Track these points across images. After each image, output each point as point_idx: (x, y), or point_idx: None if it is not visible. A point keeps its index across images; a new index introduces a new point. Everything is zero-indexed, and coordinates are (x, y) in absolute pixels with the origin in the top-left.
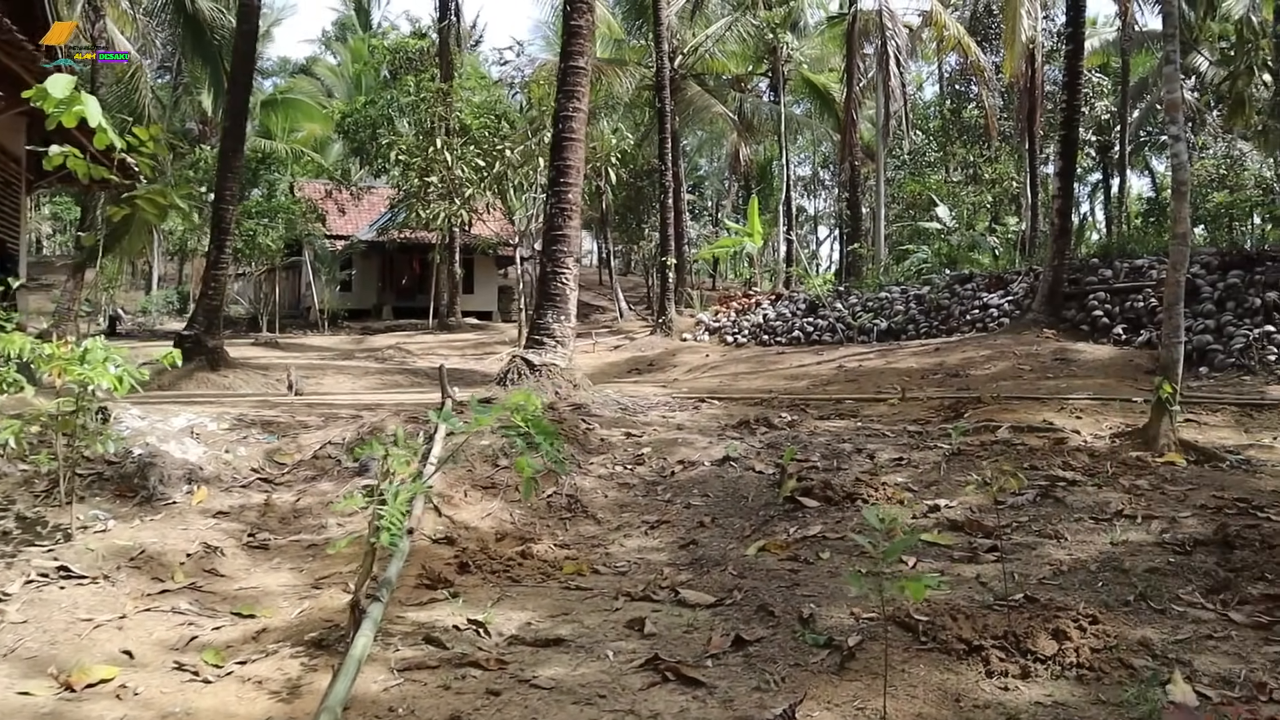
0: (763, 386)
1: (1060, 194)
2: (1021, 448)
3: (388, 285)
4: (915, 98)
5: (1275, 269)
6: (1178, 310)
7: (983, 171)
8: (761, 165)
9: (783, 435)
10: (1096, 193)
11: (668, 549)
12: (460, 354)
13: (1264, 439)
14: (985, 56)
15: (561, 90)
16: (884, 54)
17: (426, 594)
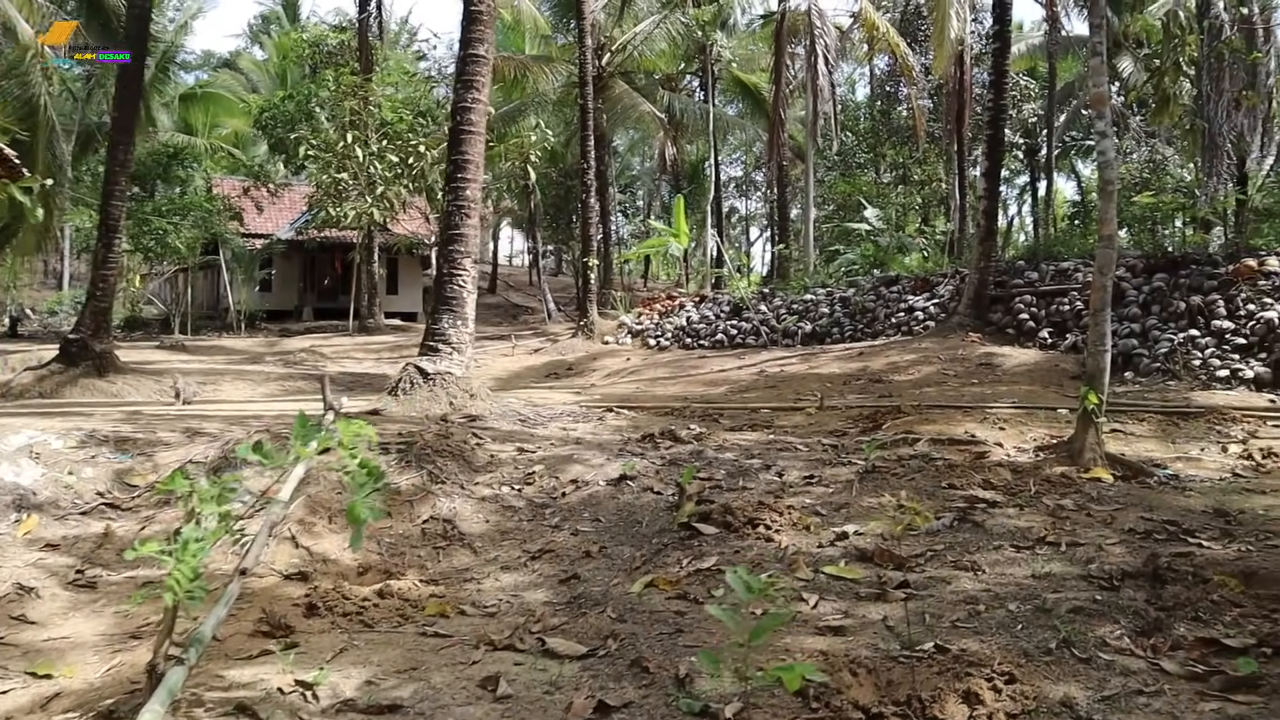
0: (679, 393)
1: (986, 195)
2: (940, 463)
3: (309, 286)
4: (846, 98)
5: (1198, 272)
6: (1104, 317)
7: (912, 173)
8: (693, 165)
9: (688, 450)
10: (1024, 195)
11: (547, 584)
12: (375, 357)
13: (1191, 450)
14: (915, 58)
15: (460, 80)
16: (812, 53)
17: (261, 644)
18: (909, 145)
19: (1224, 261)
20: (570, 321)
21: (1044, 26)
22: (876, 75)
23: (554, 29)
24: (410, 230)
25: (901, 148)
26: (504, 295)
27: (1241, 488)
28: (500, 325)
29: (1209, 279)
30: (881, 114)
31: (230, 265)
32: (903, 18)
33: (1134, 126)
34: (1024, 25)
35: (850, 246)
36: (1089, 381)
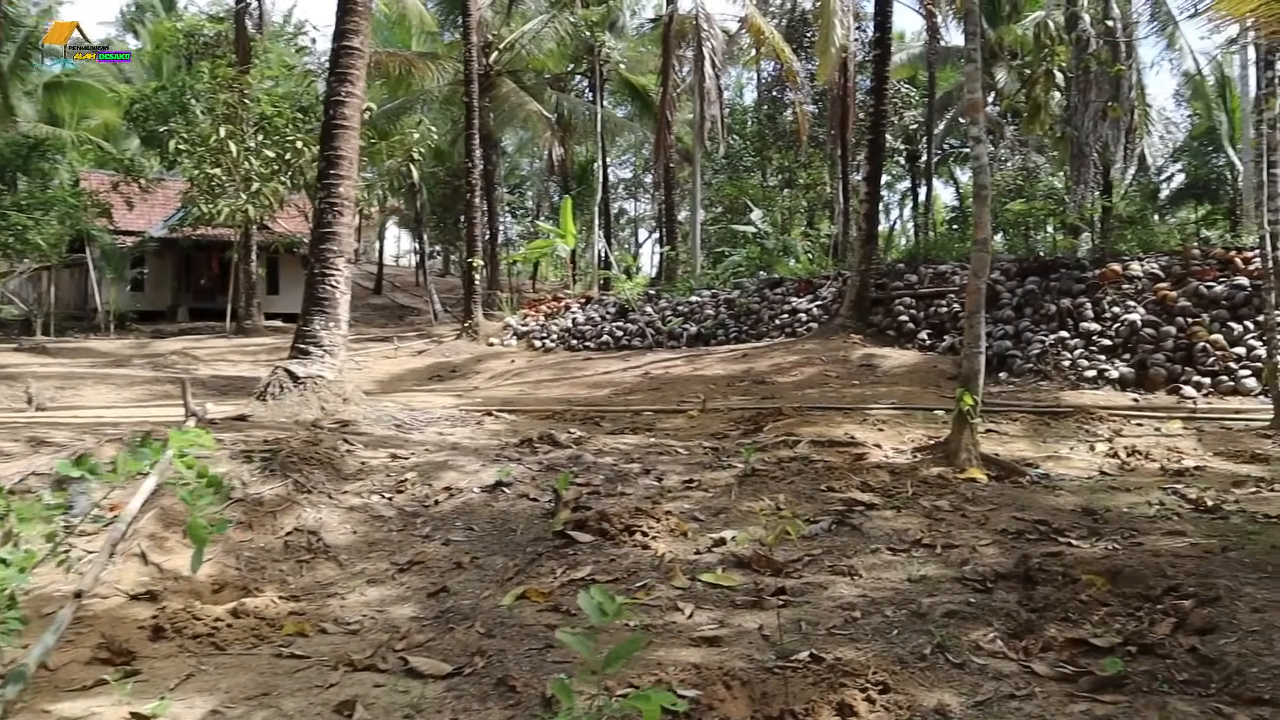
0: (562, 396)
1: (867, 200)
2: (820, 465)
3: (184, 285)
4: (733, 102)
5: (1068, 276)
6: (979, 319)
7: (797, 177)
8: (582, 166)
9: (567, 455)
10: (906, 200)
11: (414, 598)
12: (252, 360)
13: (1061, 450)
14: (800, 64)
15: (334, 73)
16: (700, 56)
17: (99, 672)
18: (794, 149)
19: (1091, 266)
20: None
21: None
22: (763, 80)
23: (440, 25)
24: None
25: (787, 152)
26: (390, 296)
27: (1108, 486)
28: (385, 326)
29: (1078, 282)
30: (768, 118)
31: (99, 263)
32: (788, 24)
33: (1009, 135)
34: (905, 35)
35: (736, 249)
36: (964, 383)
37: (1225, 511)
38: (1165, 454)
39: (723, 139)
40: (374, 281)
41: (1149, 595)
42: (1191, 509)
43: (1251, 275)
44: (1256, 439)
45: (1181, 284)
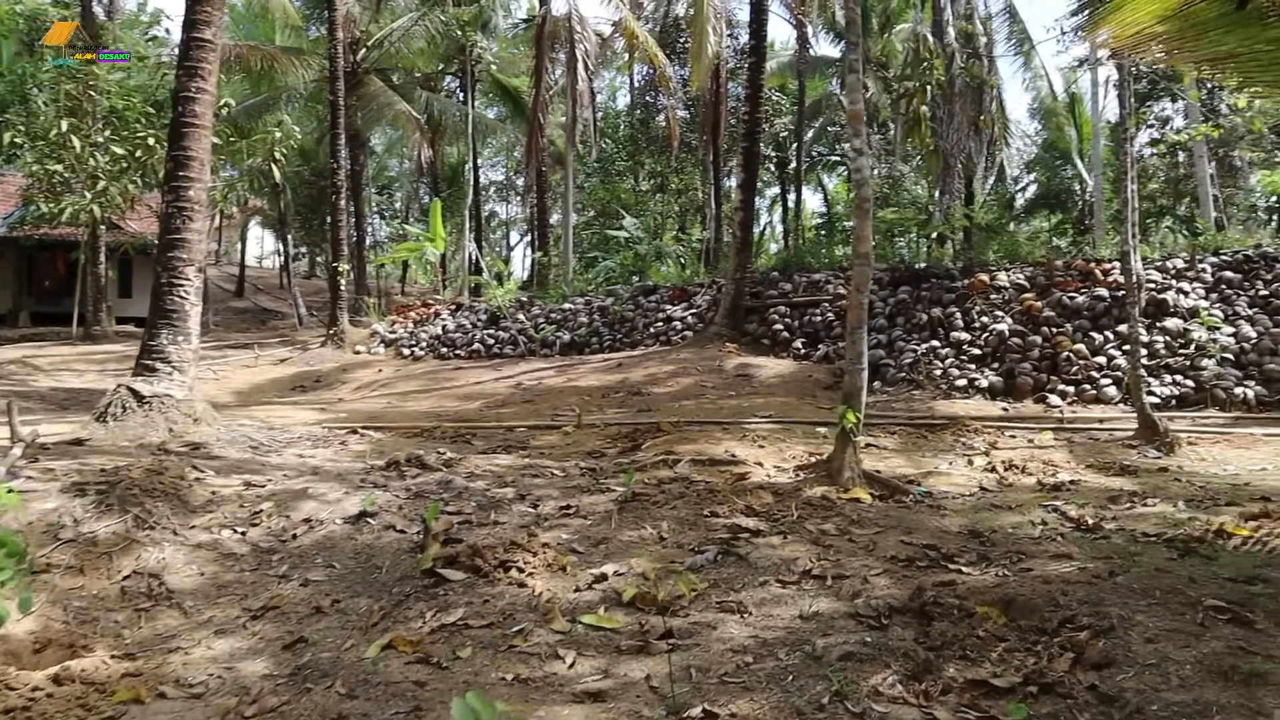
0: (431, 409)
1: (742, 206)
2: (702, 487)
3: (25, 288)
4: (606, 106)
5: (938, 286)
6: (861, 335)
7: (670, 181)
8: (453, 168)
9: (436, 479)
10: (775, 206)
11: (268, 650)
12: (99, 369)
13: (940, 464)
14: (673, 69)
15: (183, 67)
16: (572, 58)
17: None
18: (667, 154)
19: (960, 276)
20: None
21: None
22: (636, 84)
23: (306, 20)
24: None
25: (660, 156)
26: (252, 299)
27: (990, 504)
28: (248, 330)
29: (948, 292)
30: (640, 122)
31: None
32: (661, 29)
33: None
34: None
35: (609, 254)
36: (846, 400)
37: (1106, 530)
38: (1041, 468)
39: (595, 142)
40: (235, 284)
41: (1045, 628)
42: (1073, 528)
43: (1111, 287)
44: (1123, 449)
45: (1046, 294)
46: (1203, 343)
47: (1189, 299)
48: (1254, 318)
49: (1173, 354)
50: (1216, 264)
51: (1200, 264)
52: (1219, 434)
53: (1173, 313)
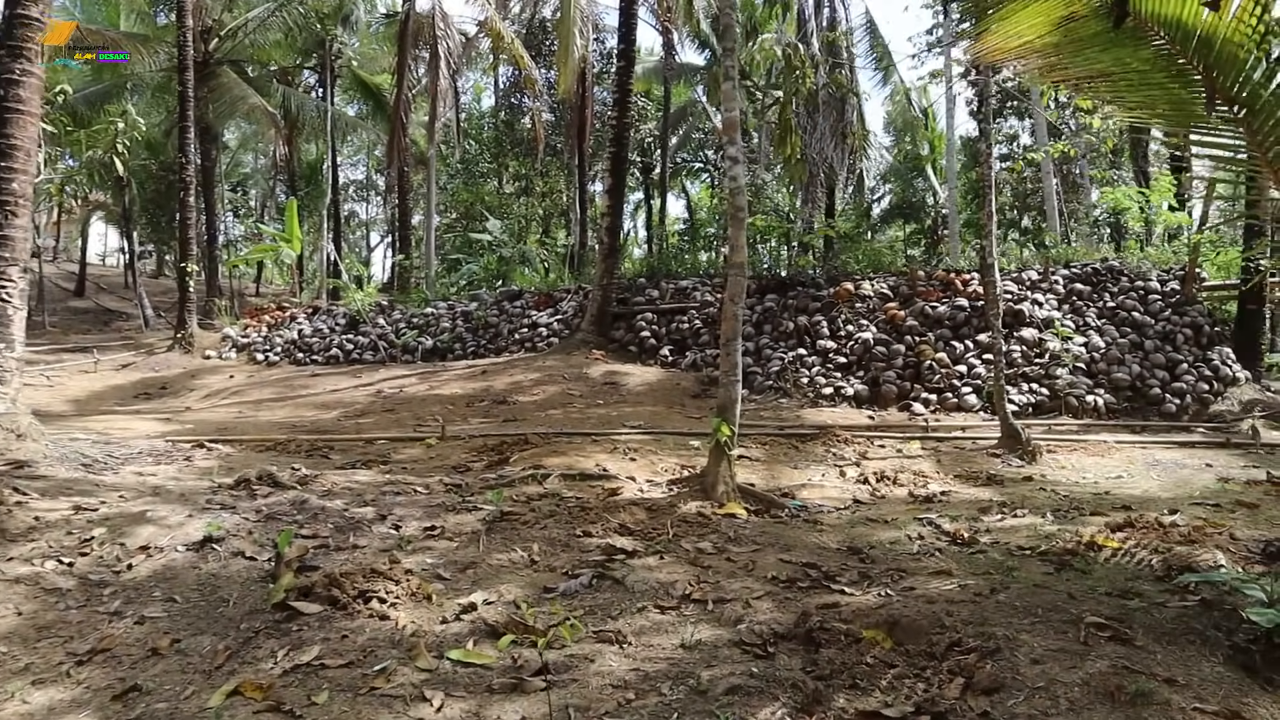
0: (287, 418)
1: (609, 212)
2: (573, 504)
3: None
4: (471, 106)
5: (804, 294)
6: (735, 347)
7: (535, 185)
8: (311, 166)
9: (290, 499)
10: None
11: (95, 702)
12: None
13: (813, 476)
14: (539, 71)
15: (6, 46)
16: (435, 56)
17: None
18: (532, 157)
19: (826, 284)
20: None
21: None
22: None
23: (153, 5)
24: None
25: (525, 159)
26: (94, 299)
27: (865, 517)
28: (89, 333)
29: (814, 300)
30: (505, 124)
31: None
32: (528, 31)
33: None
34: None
35: (473, 257)
36: (720, 413)
37: (982, 544)
38: (912, 478)
39: (459, 143)
40: (75, 282)
41: (933, 652)
42: (950, 542)
43: (970, 297)
44: (988, 458)
45: (909, 304)
46: (1057, 352)
47: (1043, 310)
48: (1102, 328)
49: (1029, 363)
50: (1068, 276)
51: (1053, 276)
52: (1075, 441)
53: (1028, 323)
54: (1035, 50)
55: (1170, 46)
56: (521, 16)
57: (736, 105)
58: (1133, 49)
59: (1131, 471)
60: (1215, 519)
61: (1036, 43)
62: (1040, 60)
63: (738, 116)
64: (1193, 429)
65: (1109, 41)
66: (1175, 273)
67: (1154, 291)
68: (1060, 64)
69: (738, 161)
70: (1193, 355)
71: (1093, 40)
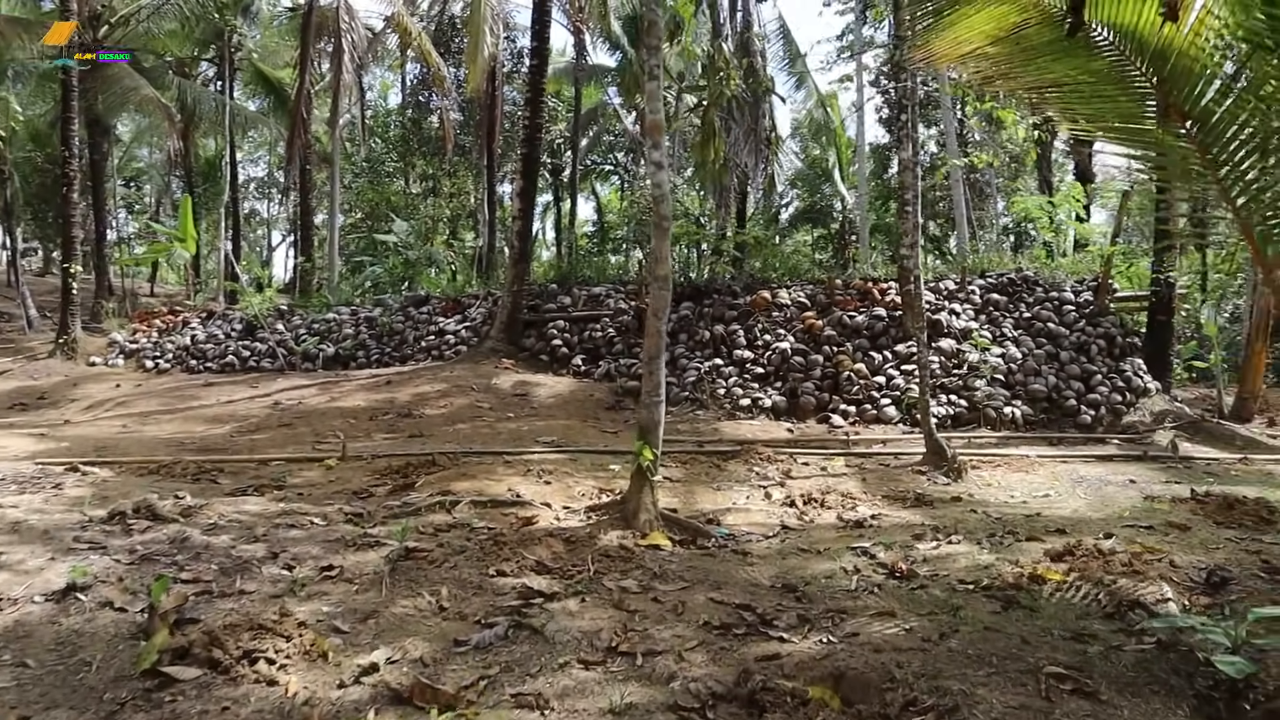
0: (175, 434)
1: (520, 216)
2: (485, 537)
3: None
4: (377, 104)
5: (721, 302)
6: (659, 364)
7: (442, 185)
8: (209, 162)
9: (170, 534)
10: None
11: None
12: None
13: (738, 498)
14: (448, 69)
15: None
16: (339, 50)
17: None
18: (440, 156)
19: (743, 293)
20: None
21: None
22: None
23: None
24: None
25: (432, 159)
26: None
27: (796, 547)
28: None
29: (730, 309)
30: (413, 123)
31: None
32: (437, 28)
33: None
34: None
35: (378, 259)
36: (642, 435)
37: (921, 578)
38: (839, 500)
39: (364, 141)
40: None
41: (886, 713)
42: (887, 575)
43: (888, 307)
44: (913, 476)
45: (827, 313)
46: (975, 363)
47: (961, 320)
48: (1019, 339)
49: (947, 374)
50: (984, 286)
51: (970, 286)
52: (998, 456)
53: (947, 333)
54: (986, 56)
55: (1124, 58)
56: (430, 13)
57: (661, 107)
58: (1085, 59)
59: (1058, 489)
60: (1151, 544)
61: (988, 49)
62: (990, 67)
63: (663, 120)
64: (1108, 440)
65: (1061, 51)
66: (1088, 283)
67: (1068, 302)
68: (1011, 72)
69: (662, 167)
70: (1106, 366)
71: (1045, 49)
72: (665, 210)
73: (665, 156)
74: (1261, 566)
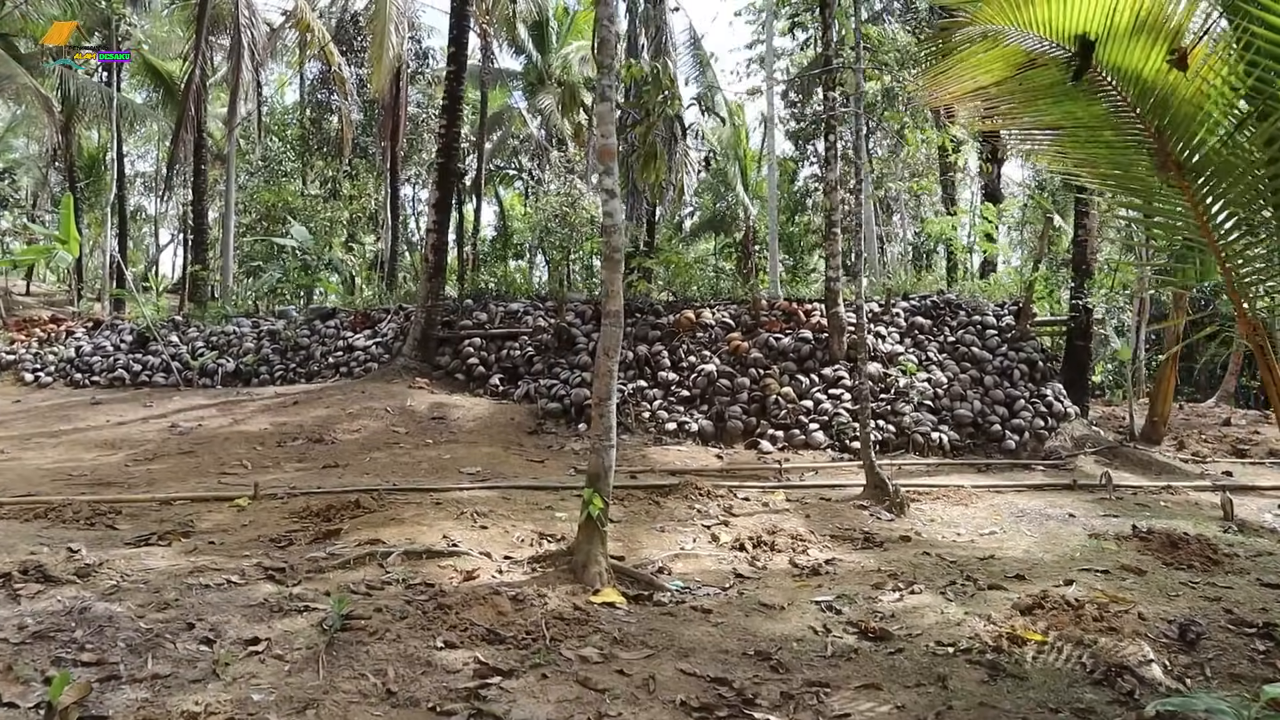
0: (62, 463)
1: (435, 227)
2: (425, 596)
3: None
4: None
5: (644, 321)
6: (610, 407)
7: (342, 187)
8: (93, 156)
9: (67, 601)
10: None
11: None
12: None
13: (685, 542)
14: (349, 69)
15: None
16: (238, 44)
17: None
18: (339, 157)
19: (666, 311)
20: None
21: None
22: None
23: None
24: None
25: (332, 159)
26: None
27: (757, 601)
28: None
29: (654, 328)
30: (312, 122)
31: None
32: (339, 25)
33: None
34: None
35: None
36: (592, 482)
37: (895, 638)
38: (790, 543)
39: (260, 140)
40: None
41: None
42: (859, 635)
43: (814, 329)
44: (856, 511)
45: (752, 334)
46: (904, 388)
47: (886, 344)
48: (944, 363)
49: (875, 399)
50: (908, 308)
51: (894, 308)
52: (935, 487)
53: (874, 357)
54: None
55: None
56: (331, 10)
57: (614, 130)
58: (1085, 104)
59: (1002, 525)
60: (1112, 591)
61: (991, 88)
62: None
63: (614, 144)
64: (1033, 467)
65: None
66: (1009, 307)
67: (991, 326)
68: (1010, 112)
69: (614, 195)
70: (1029, 391)
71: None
72: (617, 242)
73: (617, 184)
74: (1227, 618)
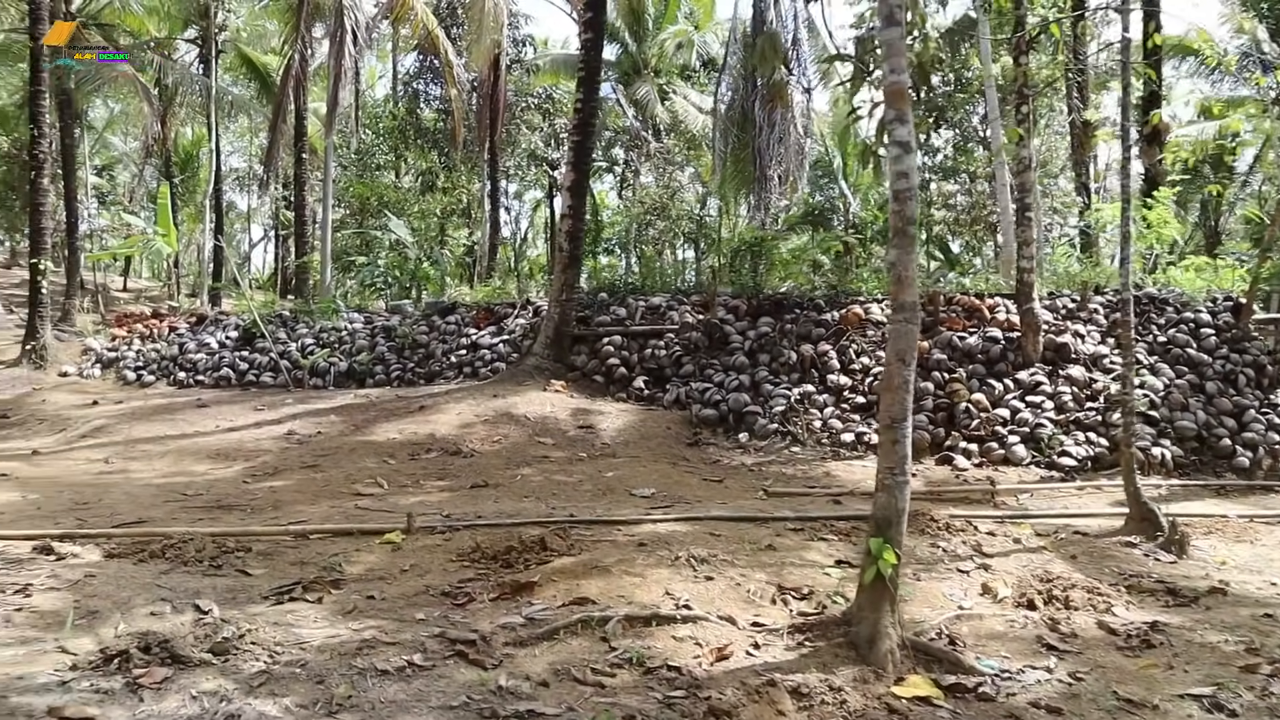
0: (172, 477)
1: (571, 214)
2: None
3: None
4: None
5: (806, 318)
6: (905, 430)
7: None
8: (188, 150)
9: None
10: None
11: None
12: None
13: (949, 590)
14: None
15: None
16: (340, 29)
17: None
18: (444, 149)
19: (829, 307)
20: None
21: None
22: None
23: None
24: None
25: (426, 152)
26: None
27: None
28: None
29: (818, 325)
30: (408, 113)
31: None
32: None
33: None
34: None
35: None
36: (881, 530)
37: None
38: (1084, 597)
39: (355, 132)
40: None
41: None
42: None
43: (1003, 327)
44: (1123, 549)
45: (932, 333)
46: (1113, 395)
47: (1087, 343)
48: (1156, 366)
49: (1080, 407)
50: (1106, 304)
51: (1090, 304)
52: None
53: (1074, 359)
54: None
55: None
56: None
57: (904, 64)
58: None
59: None
60: None
61: None
62: None
63: (907, 81)
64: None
65: None
66: (1222, 303)
67: (1205, 324)
68: None
69: (909, 150)
70: (1258, 400)
71: None
72: (911, 211)
73: (912, 133)
74: None
